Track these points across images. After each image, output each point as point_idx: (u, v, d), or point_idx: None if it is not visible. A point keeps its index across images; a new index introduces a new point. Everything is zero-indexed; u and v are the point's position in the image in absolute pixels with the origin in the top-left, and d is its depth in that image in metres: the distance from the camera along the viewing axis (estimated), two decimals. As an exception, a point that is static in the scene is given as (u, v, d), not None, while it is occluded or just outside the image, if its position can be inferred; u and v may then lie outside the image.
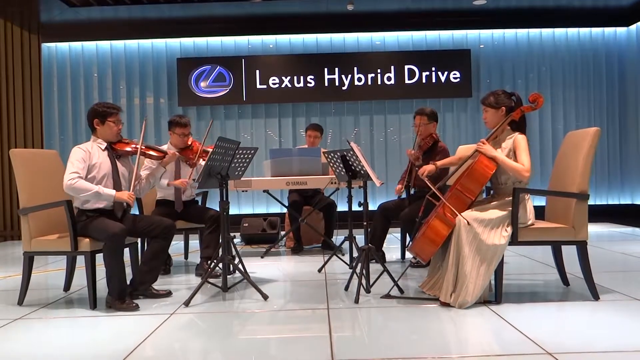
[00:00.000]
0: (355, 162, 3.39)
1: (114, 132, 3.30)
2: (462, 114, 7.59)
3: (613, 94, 7.60)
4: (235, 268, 3.48)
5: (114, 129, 3.29)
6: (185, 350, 2.37)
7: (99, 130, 3.29)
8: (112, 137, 3.31)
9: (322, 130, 5.43)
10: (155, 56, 7.56)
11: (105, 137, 3.30)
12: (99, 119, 3.27)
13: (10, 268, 4.65)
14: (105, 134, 3.29)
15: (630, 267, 4.11)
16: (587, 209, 3.01)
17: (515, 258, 4.40)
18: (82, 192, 3.08)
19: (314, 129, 5.33)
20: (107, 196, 3.13)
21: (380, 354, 2.24)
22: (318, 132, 5.33)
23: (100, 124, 3.27)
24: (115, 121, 3.29)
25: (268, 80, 7.43)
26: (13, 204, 6.69)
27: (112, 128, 3.28)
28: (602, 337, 2.40)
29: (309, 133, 5.34)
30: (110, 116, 3.27)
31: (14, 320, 2.90)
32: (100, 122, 3.27)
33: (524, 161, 2.95)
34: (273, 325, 2.75)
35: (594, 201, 7.49)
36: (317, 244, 5.45)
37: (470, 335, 2.53)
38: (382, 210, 4.28)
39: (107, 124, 3.27)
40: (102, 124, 3.27)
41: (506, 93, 3.15)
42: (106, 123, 3.27)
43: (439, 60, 7.45)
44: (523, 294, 3.29)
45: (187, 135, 4.12)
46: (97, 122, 3.27)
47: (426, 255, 3.01)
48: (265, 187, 4.76)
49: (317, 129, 5.34)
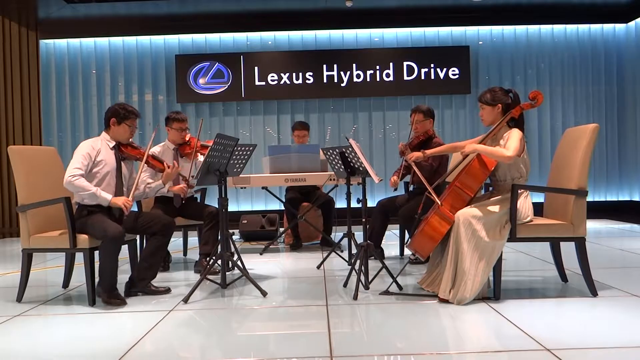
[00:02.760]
0: (354, 158, 3.39)
1: (127, 135, 3.34)
2: (460, 110, 7.59)
3: (612, 90, 7.60)
4: (234, 265, 3.48)
5: (127, 132, 3.33)
6: (184, 347, 2.37)
7: (113, 129, 3.32)
8: (123, 139, 3.34)
9: (309, 127, 5.38)
10: (154, 53, 7.54)
11: (116, 137, 3.33)
12: (116, 119, 3.30)
13: (9, 265, 4.65)
14: (117, 134, 3.32)
15: (628, 263, 4.12)
16: (586, 205, 3.01)
17: (513, 254, 4.41)
18: (81, 190, 3.10)
19: (302, 128, 5.26)
20: (103, 200, 3.14)
21: (379, 350, 2.24)
22: (305, 130, 5.28)
23: (116, 124, 3.30)
24: (132, 126, 3.33)
25: (267, 77, 7.42)
26: (12, 201, 6.68)
27: (126, 131, 3.32)
28: (600, 333, 2.41)
29: (296, 133, 5.27)
30: (128, 119, 3.31)
31: (13, 317, 2.90)
32: (116, 122, 3.30)
33: (510, 145, 2.90)
34: (272, 321, 2.76)
35: (593, 197, 7.49)
36: (316, 241, 5.45)
37: (468, 332, 2.53)
38: (380, 207, 4.28)
39: (123, 126, 3.31)
40: (118, 124, 3.30)
41: (503, 90, 3.13)
42: (122, 124, 3.30)
43: (437, 56, 7.44)
44: (521, 290, 3.29)
45: (184, 130, 4.13)
46: (114, 122, 3.30)
47: (425, 252, 3.01)
48: (264, 184, 4.76)
49: (305, 127, 5.29)
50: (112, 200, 3.14)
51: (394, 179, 4.23)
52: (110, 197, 3.15)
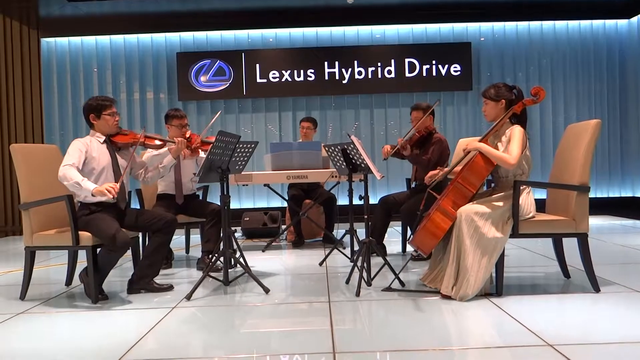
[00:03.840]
0: (355, 155, 3.39)
1: (111, 125, 3.28)
2: (462, 107, 7.58)
3: (614, 86, 7.58)
4: (237, 262, 3.49)
5: (111, 122, 3.27)
6: (187, 344, 2.38)
7: (96, 125, 3.28)
8: (110, 130, 3.30)
9: (316, 123, 5.42)
10: (155, 51, 7.54)
11: (103, 130, 3.29)
12: (94, 114, 3.25)
13: (12, 263, 4.66)
14: (102, 127, 3.28)
15: (630, 259, 4.11)
16: (588, 201, 3.01)
17: (516, 250, 4.41)
18: (67, 180, 2.99)
19: (308, 120, 5.34)
20: (85, 190, 2.96)
21: (382, 346, 2.25)
22: (311, 123, 5.33)
23: (96, 119, 3.26)
24: (111, 114, 3.26)
25: (268, 74, 7.42)
26: (14, 199, 6.69)
27: (108, 121, 3.27)
28: (603, 328, 2.40)
29: (302, 124, 5.34)
30: (105, 109, 3.25)
31: (16, 314, 2.91)
32: (96, 117, 3.26)
33: (512, 151, 2.92)
34: (274, 318, 2.76)
35: (595, 194, 7.48)
36: (318, 238, 5.45)
37: (471, 328, 2.53)
38: (382, 204, 4.28)
39: (103, 118, 3.25)
40: (98, 119, 3.26)
41: (507, 86, 3.13)
42: (102, 117, 3.25)
43: (439, 53, 7.43)
44: (524, 286, 3.29)
45: (184, 127, 4.09)
46: (93, 117, 3.26)
47: (427, 248, 3.01)
48: (265, 181, 4.76)
49: (311, 121, 5.34)
50: (95, 190, 2.93)
51: (388, 149, 4.13)
52: (93, 187, 2.95)
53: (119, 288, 3.40)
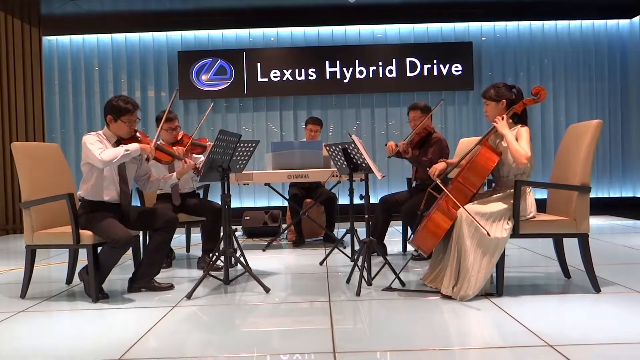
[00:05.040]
0: (356, 154, 3.39)
1: (126, 130, 3.21)
2: (463, 106, 7.57)
3: (615, 86, 7.57)
4: (237, 261, 3.49)
5: (126, 129, 3.20)
6: (187, 342, 2.38)
7: (111, 126, 3.22)
8: (123, 135, 3.24)
9: (322, 124, 5.42)
10: (156, 49, 7.55)
11: (117, 133, 3.24)
12: (112, 116, 3.18)
13: (13, 261, 4.67)
14: (116, 130, 3.22)
15: (631, 259, 4.11)
16: (589, 201, 3.01)
17: (516, 251, 4.40)
18: (114, 158, 3.05)
19: (315, 123, 5.33)
20: (134, 151, 3.13)
21: (382, 346, 2.25)
22: (318, 125, 5.33)
23: (113, 121, 3.19)
24: (129, 121, 3.18)
25: (269, 73, 7.41)
26: (15, 197, 6.70)
27: (123, 128, 3.20)
28: (603, 329, 2.40)
29: (309, 127, 5.33)
30: (124, 115, 3.15)
31: (17, 313, 2.92)
32: (113, 120, 3.18)
33: (525, 147, 2.93)
34: (275, 317, 2.76)
35: (596, 194, 7.47)
36: (318, 237, 5.45)
37: (471, 328, 2.53)
38: (383, 203, 4.28)
39: (119, 123, 3.18)
40: (115, 121, 3.19)
41: (507, 86, 3.13)
42: (119, 122, 3.18)
43: (440, 52, 7.42)
44: (524, 286, 3.29)
45: (175, 129, 4.05)
46: (110, 119, 3.19)
47: (427, 248, 3.02)
48: (266, 180, 4.76)
49: (318, 123, 5.34)
50: (141, 146, 3.17)
51: (393, 146, 4.14)
52: (135, 146, 3.14)
53: (120, 287, 3.41)
